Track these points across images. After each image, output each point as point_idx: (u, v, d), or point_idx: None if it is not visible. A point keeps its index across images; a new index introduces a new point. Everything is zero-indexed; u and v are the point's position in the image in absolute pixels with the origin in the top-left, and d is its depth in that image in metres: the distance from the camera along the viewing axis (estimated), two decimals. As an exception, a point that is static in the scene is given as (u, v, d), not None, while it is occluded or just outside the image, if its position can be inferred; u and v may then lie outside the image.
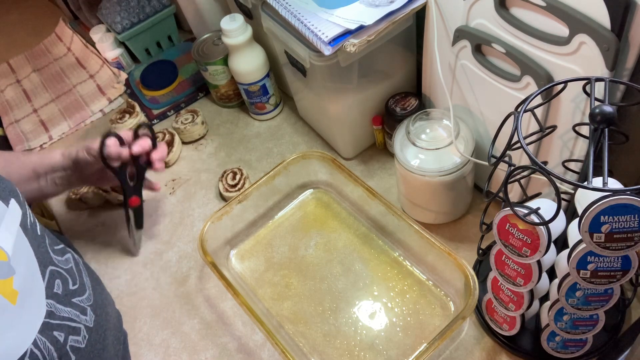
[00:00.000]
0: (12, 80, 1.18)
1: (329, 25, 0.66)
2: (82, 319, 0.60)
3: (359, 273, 0.73)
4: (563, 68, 0.53)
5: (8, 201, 0.56)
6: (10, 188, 0.58)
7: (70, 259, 0.64)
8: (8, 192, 0.57)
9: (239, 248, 0.79)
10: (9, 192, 0.57)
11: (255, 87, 0.90)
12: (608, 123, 0.44)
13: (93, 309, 0.63)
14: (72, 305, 0.59)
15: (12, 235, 0.54)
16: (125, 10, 1.05)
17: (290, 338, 0.68)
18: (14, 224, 0.55)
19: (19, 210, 0.57)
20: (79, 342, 0.58)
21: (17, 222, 0.56)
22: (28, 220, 0.59)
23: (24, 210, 0.58)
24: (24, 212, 0.58)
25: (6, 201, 0.55)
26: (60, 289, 0.59)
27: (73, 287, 0.61)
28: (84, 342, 0.59)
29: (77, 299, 0.61)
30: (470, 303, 0.59)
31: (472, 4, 0.59)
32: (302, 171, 0.81)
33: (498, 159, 0.51)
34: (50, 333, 0.55)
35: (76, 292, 0.61)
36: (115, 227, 0.87)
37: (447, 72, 0.68)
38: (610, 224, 0.43)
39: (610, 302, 0.51)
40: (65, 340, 0.56)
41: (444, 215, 0.75)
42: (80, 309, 0.61)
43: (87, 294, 0.63)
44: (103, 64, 1.12)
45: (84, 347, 0.59)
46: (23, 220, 0.57)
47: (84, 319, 0.60)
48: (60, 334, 0.56)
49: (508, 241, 0.51)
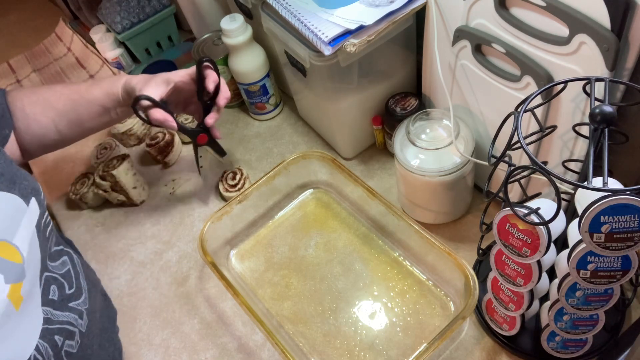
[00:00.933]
0: (12, 80, 1.18)
1: (329, 25, 0.66)
2: (79, 323, 0.60)
3: (359, 273, 0.73)
4: (563, 68, 0.53)
5: (29, 200, 0.55)
6: (32, 186, 0.57)
7: (67, 261, 0.64)
8: (30, 191, 0.56)
9: (239, 248, 0.79)
10: (31, 190, 0.56)
11: (255, 87, 0.90)
12: (608, 123, 0.44)
13: (87, 314, 0.62)
14: (70, 310, 0.59)
15: (29, 235, 0.54)
16: (125, 10, 1.05)
17: (290, 338, 0.68)
18: (31, 223, 0.55)
19: (38, 210, 0.56)
20: (72, 347, 0.58)
21: (34, 222, 0.55)
22: (43, 220, 0.58)
23: (42, 210, 0.57)
24: (42, 211, 0.58)
25: (27, 199, 0.55)
26: (57, 295, 0.58)
27: (69, 291, 0.61)
28: (76, 347, 0.59)
29: (74, 303, 0.60)
30: (470, 303, 0.59)
31: (472, 4, 0.59)
32: (302, 171, 0.81)
33: (498, 159, 0.51)
34: (51, 337, 0.55)
35: (73, 296, 0.61)
36: (115, 227, 0.87)
37: (447, 72, 0.68)
38: (610, 224, 0.43)
39: (610, 302, 0.51)
40: (62, 345, 0.56)
41: (444, 215, 0.75)
42: (77, 313, 0.60)
43: (84, 297, 0.63)
44: (103, 64, 1.12)
45: (75, 352, 0.59)
46: (38, 220, 0.56)
47: (80, 324, 0.60)
48: (60, 337, 0.56)
49: (508, 241, 0.51)
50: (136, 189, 0.87)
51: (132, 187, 0.86)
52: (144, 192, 0.89)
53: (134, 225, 0.86)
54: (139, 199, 0.88)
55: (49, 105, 0.73)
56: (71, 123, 0.74)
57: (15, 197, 0.53)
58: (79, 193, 0.87)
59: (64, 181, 0.93)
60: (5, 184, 0.53)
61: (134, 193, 0.87)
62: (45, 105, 0.73)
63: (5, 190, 0.53)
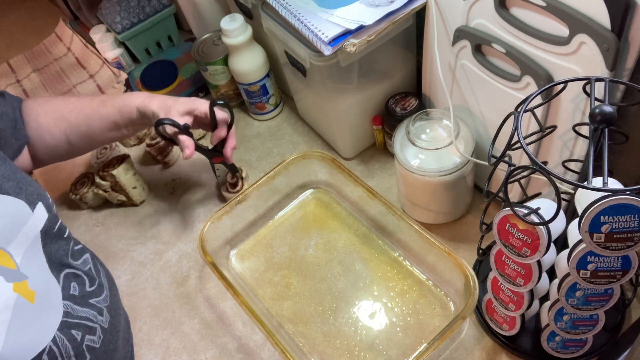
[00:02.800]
0: (12, 80, 1.18)
1: (329, 25, 0.66)
2: (98, 319, 0.61)
3: (359, 273, 0.73)
4: (563, 68, 0.53)
5: (35, 205, 0.56)
6: (38, 192, 0.58)
7: (89, 259, 0.65)
8: (36, 196, 0.57)
9: (239, 248, 0.79)
10: (37, 195, 0.57)
11: (255, 87, 0.90)
12: (608, 123, 0.44)
13: (109, 310, 0.63)
14: (90, 306, 0.60)
15: (27, 242, 0.55)
16: (125, 10, 1.05)
17: (290, 338, 0.68)
18: (34, 230, 0.56)
19: (45, 214, 0.57)
20: (94, 342, 0.59)
21: (38, 228, 0.56)
22: (57, 224, 0.60)
23: (51, 214, 0.58)
24: (52, 216, 0.58)
25: (33, 205, 0.56)
26: (77, 291, 0.60)
27: (90, 288, 0.62)
28: (99, 342, 0.60)
29: (94, 300, 0.62)
30: (470, 303, 0.59)
31: (472, 4, 0.59)
32: (302, 171, 0.81)
33: (498, 159, 0.51)
34: (69, 331, 0.56)
35: (93, 293, 0.62)
36: (115, 227, 0.87)
37: (447, 72, 0.68)
38: (610, 224, 0.43)
39: (610, 302, 0.51)
40: (82, 339, 0.57)
41: (444, 215, 0.75)
42: (97, 310, 0.61)
43: (105, 294, 0.64)
44: (103, 64, 1.12)
45: (98, 347, 0.60)
46: (47, 224, 0.57)
47: (100, 320, 0.61)
48: (78, 332, 0.57)
49: (508, 241, 0.51)
50: (136, 189, 0.87)
51: (132, 187, 0.86)
52: (144, 192, 0.89)
53: (134, 225, 0.86)
54: (139, 199, 0.88)
55: (62, 117, 0.74)
56: (82, 136, 0.75)
57: (20, 203, 0.54)
58: (79, 193, 0.87)
59: (64, 181, 0.93)
60: (13, 189, 0.54)
61: (134, 193, 0.87)
62: (58, 116, 0.74)
63: (13, 195, 0.54)
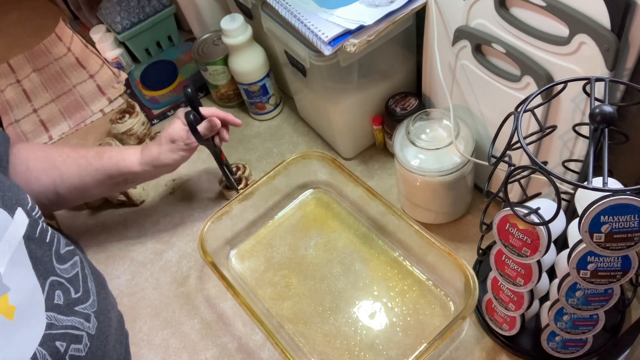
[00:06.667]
0: (12, 80, 1.18)
1: (329, 25, 0.66)
2: (85, 326, 0.59)
3: (359, 273, 0.73)
4: (563, 68, 0.53)
5: (14, 211, 0.54)
6: (17, 196, 0.56)
7: (77, 262, 0.63)
8: (15, 201, 0.55)
9: (239, 248, 0.79)
10: (16, 200, 0.55)
11: (255, 87, 0.90)
12: (608, 123, 0.44)
13: (96, 316, 0.62)
14: (75, 314, 0.58)
15: (11, 250, 0.52)
16: (125, 10, 1.05)
17: (290, 338, 0.68)
18: (15, 237, 0.53)
19: (25, 219, 0.55)
20: (79, 351, 0.57)
21: (20, 234, 0.54)
22: (38, 228, 0.57)
23: (31, 219, 0.56)
24: (32, 220, 0.56)
25: (12, 211, 0.53)
26: (62, 299, 0.57)
27: (76, 295, 0.60)
28: (85, 350, 0.58)
29: (80, 307, 0.60)
30: (470, 303, 0.59)
31: (472, 4, 0.59)
32: (302, 171, 0.81)
33: (498, 159, 0.51)
34: (52, 344, 0.54)
35: (79, 300, 0.60)
36: (115, 227, 0.87)
37: (447, 72, 0.68)
38: (610, 224, 0.43)
39: (610, 302, 0.51)
40: (66, 349, 0.55)
41: (444, 215, 0.75)
42: (84, 316, 0.59)
43: (91, 300, 0.62)
44: (103, 64, 1.12)
45: (84, 355, 0.58)
46: (29, 230, 0.55)
47: (87, 326, 0.59)
48: (62, 343, 0.55)
49: (508, 241, 0.51)
50: (136, 189, 0.87)
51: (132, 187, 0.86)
52: (144, 192, 0.89)
53: (134, 225, 0.86)
54: (139, 199, 0.88)
55: (54, 166, 0.71)
56: (72, 187, 0.72)
57: None
58: (79, 193, 0.87)
59: (64, 181, 0.93)
60: None
61: (134, 193, 0.87)
62: (49, 164, 0.71)
63: None
